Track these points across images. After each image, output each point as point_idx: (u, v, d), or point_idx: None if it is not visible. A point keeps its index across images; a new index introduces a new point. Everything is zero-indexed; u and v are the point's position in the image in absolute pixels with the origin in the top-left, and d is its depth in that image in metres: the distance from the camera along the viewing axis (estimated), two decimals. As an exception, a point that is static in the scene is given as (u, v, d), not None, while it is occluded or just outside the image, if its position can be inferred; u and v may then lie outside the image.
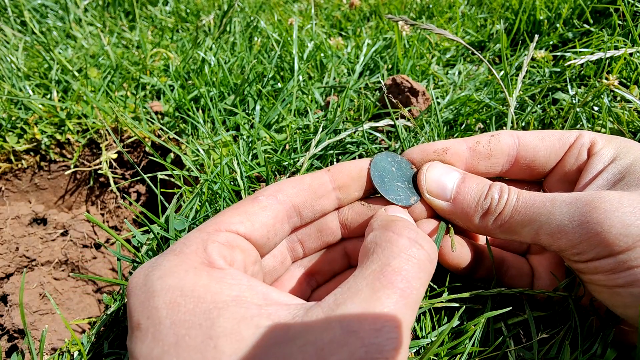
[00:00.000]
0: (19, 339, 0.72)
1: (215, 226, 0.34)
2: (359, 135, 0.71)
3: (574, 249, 0.35)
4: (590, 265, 0.35)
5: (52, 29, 1.31)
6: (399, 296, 0.28)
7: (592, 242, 0.34)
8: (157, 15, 1.46)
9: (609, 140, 0.41)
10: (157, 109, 0.91)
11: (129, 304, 0.30)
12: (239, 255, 0.34)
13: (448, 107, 0.80)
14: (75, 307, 0.79)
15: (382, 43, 1.05)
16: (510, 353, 0.40)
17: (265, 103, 0.86)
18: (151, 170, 0.96)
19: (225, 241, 0.33)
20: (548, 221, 0.36)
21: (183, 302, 0.28)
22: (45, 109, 0.89)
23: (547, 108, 0.74)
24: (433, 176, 0.42)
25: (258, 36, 1.20)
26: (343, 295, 0.28)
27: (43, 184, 0.94)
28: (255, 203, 0.36)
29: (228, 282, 0.30)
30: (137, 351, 0.28)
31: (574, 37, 0.99)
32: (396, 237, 0.32)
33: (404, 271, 0.29)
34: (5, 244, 0.83)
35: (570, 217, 0.35)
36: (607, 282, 0.34)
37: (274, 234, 0.37)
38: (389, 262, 0.30)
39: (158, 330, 0.28)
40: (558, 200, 0.36)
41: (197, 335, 0.27)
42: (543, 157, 0.43)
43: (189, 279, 0.29)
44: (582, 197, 0.35)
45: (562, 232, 0.35)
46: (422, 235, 0.33)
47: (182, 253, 0.32)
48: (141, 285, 0.30)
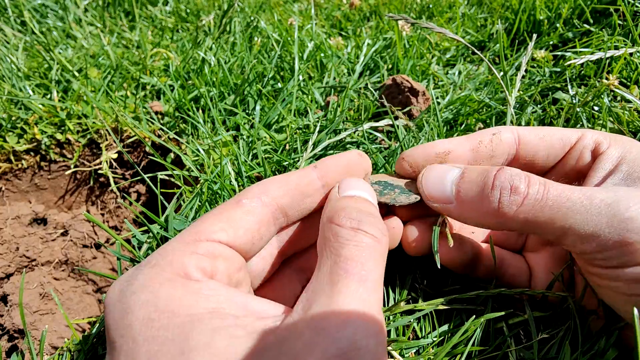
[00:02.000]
0: (19, 339, 0.72)
1: (195, 235, 0.32)
2: (359, 135, 0.71)
3: (601, 254, 0.33)
4: (611, 272, 0.33)
5: (52, 29, 1.31)
6: (357, 282, 0.28)
7: (625, 251, 0.32)
8: (157, 15, 1.46)
9: (614, 140, 0.40)
10: (157, 109, 0.91)
11: (105, 321, 0.30)
12: (221, 265, 0.32)
13: (448, 107, 0.80)
14: (76, 307, 0.79)
15: (382, 43, 1.05)
16: (511, 353, 0.40)
17: (266, 103, 0.86)
18: (151, 170, 0.96)
19: (205, 251, 0.32)
20: (583, 221, 0.32)
21: (157, 318, 0.27)
22: (46, 109, 0.89)
23: (547, 108, 0.74)
24: (430, 180, 0.39)
25: (258, 36, 1.20)
26: (309, 299, 0.28)
27: (43, 184, 0.94)
28: (238, 207, 0.34)
29: (204, 293, 0.29)
30: None
31: (574, 37, 0.99)
32: (339, 228, 0.32)
33: (355, 257, 0.29)
34: (5, 244, 0.83)
35: (608, 220, 0.32)
36: (625, 290, 0.33)
37: (259, 238, 0.35)
38: (339, 253, 0.30)
39: (131, 348, 0.27)
40: (596, 198, 0.33)
41: (169, 350, 0.26)
42: (542, 156, 0.42)
43: (163, 292, 0.28)
44: (622, 198, 0.32)
45: (594, 236, 0.32)
46: (364, 220, 0.32)
47: (158, 265, 0.30)
48: (115, 302, 0.29)
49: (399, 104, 0.79)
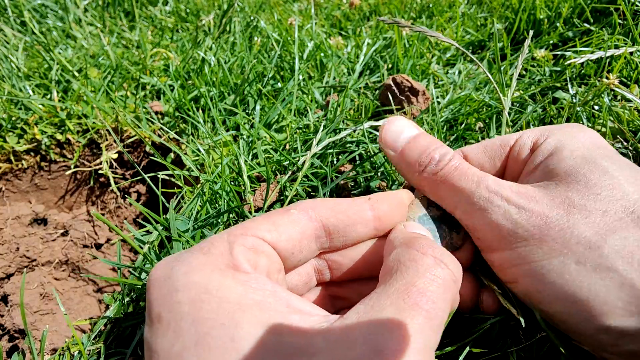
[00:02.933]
0: (19, 339, 0.72)
1: (243, 230, 0.34)
2: (359, 135, 0.71)
3: (477, 232, 0.38)
4: (489, 256, 0.38)
5: (52, 29, 1.31)
6: (424, 318, 0.27)
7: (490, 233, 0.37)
8: (157, 15, 1.46)
9: (554, 131, 0.41)
10: (157, 109, 0.91)
11: (150, 295, 0.30)
12: (263, 261, 0.33)
13: (448, 106, 0.80)
14: (76, 307, 0.79)
15: (382, 42, 1.05)
16: (512, 354, 0.40)
17: (266, 103, 0.86)
18: (151, 170, 0.96)
19: (251, 245, 0.33)
20: (467, 200, 0.38)
21: (207, 300, 0.28)
22: (46, 109, 0.89)
23: (547, 107, 0.74)
24: (392, 126, 0.45)
25: (258, 36, 1.20)
26: (367, 313, 0.28)
27: (43, 184, 0.94)
28: (285, 215, 0.36)
29: (252, 285, 0.30)
30: (156, 344, 0.28)
31: (574, 36, 0.99)
32: (421, 255, 0.31)
33: (429, 292, 0.28)
34: (5, 244, 0.83)
35: (483, 203, 0.37)
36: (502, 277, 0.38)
37: (299, 249, 0.35)
38: (414, 282, 0.29)
39: (179, 326, 0.27)
40: (483, 182, 0.38)
41: (219, 335, 0.26)
42: (489, 164, 0.44)
43: (214, 278, 0.29)
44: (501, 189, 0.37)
45: (472, 213, 0.38)
46: (446, 254, 0.32)
47: (209, 253, 0.31)
48: (165, 278, 0.30)
49: (399, 104, 0.79)
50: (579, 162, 0.37)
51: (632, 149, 0.61)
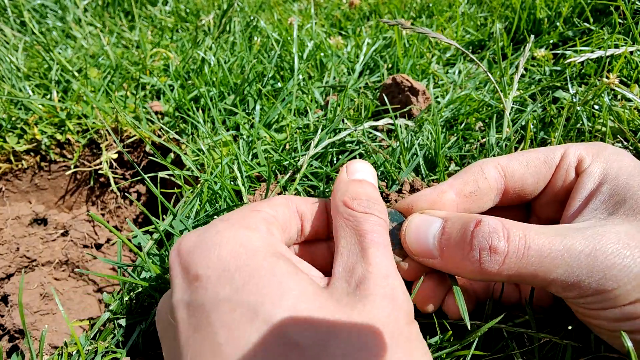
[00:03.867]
0: (19, 339, 0.72)
1: (252, 207, 0.39)
2: (359, 135, 0.71)
3: (583, 299, 0.34)
4: (595, 313, 0.34)
5: (52, 29, 1.31)
6: (383, 247, 0.36)
7: (604, 297, 0.33)
8: (157, 15, 1.46)
9: (596, 154, 0.40)
10: (157, 108, 0.91)
11: (183, 262, 0.33)
12: (276, 231, 0.38)
13: (448, 106, 0.80)
14: (76, 307, 0.79)
15: (382, 42, 1.05)
16: (516, 356, 0.40)
17: (265, 103, 0.86)
18: (151, 170, 0.96)
19: (265, 216, 0.38)
20: (565, 274, 0.33)
21: (244, 252, 0.32)
22: (45, 109, 0.89)
23: (547, 107, 0.74)
24: (413, 236, 0.39)
25: (258, 36, 1.20)
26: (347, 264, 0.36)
27: (43, 184, 0.94)
28: (275, 200, 0.41)
29: (274, 242, 0.35)
30: (199, 299, 0.31)
31: (575, 35, 0.99)
32: (354, 212, 0.38)
33: (374, 230, 0.37)
34: (5, 244, 0.83)
35: (588, 271, 0.33)
36: (609, 327, 0.34)
37: (290, 225, 0.41)
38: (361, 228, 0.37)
39: (223, 275, 0.31)
40: (575, 250, 0.33)
41: (263, 275, 0.31)
42: (531, 184, 0.42)
43: (243, 234, 0.34)
44: (600, 246, 0.33)
45: (576, 285, 0.33)
46: (373, 207, 0.38)
47: (230, 219, 0.36)
48: (196, 243, 0.34)
49: (399, 103, 0.79)
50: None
51: (632, 149, 0.61)
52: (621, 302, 0.32)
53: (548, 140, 0.68)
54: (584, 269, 0.32)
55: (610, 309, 0.33)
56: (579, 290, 0.33)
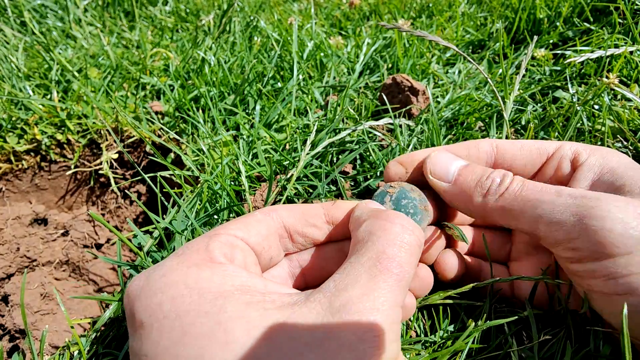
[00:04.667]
0: (20, 339, 0.72)
1: (216, 231, 0.36)
2: (359, 134, 0.71)
3: (570, 243, 0.34)
4: (587, 266, 0.34)
5: (52, 29, 1.31)
6: (394, 280, 0.31)
7: (591, 240, 0.33)
8: (157, 15, 1.46)
9: (593, 150, 0.41)
10: (157, 109, 0.91)
11: (130, 308, 0.31)
12: (239, 254, 0.35)
13: (448, 106, 0.80)
14: (76, 307, 0.80)
15: (382, 42, 1.05)
16: (514, 353, 0.40)
17: (266, 102, 0.86)
18: (151, 170, 0.96)
19: (225, 241, 0.35)
20: (551, 211, 0.35)
21: (188, 294, 0.29)
22: (46, 110, 0.89)
23: (547, 106, 0.74)
24: (439, 159, 0.43)
25: (258, 36, 1.20)
26: (343, 281, 0.30)
27: (43, 184, 0.94)
28: (251, 217, 0.39)
29: (230, 274, 0.31)
30: (142, 349, 0.28)
31: (574, 35, 0.99)
32: (390, 224, 0.34)
33: (398, 258, 0.32)
34: (6, 244, 0.83)
35: (573, 210, 0.34)
36: (604, 289, 0.34)
37: (268, 245, 0.38)
38: (385, 250, 0.32)
39: (162, 324, 0.28)
40: (564, 192, 0.36)
41: (205, 322, 0.28)
42: (520, 165, 0.44)
43: (191, 273, 0.31)
44: (588, 194, 0.35)
45: (561, 223, 0.35)
46: (411, 222, 0.35)
47: (184, 254, 0.33)
48: (142, 286, 0.31)
49: (399, 103, 0.79)
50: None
51: (632, 148, 0.61)
52: (610, 250, 0.32)
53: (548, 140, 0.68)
54: (569, 207, 0.35)
55: (603, 261, 0.33)
56: (564, 229, 0.34)
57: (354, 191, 0.63)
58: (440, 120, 0.75)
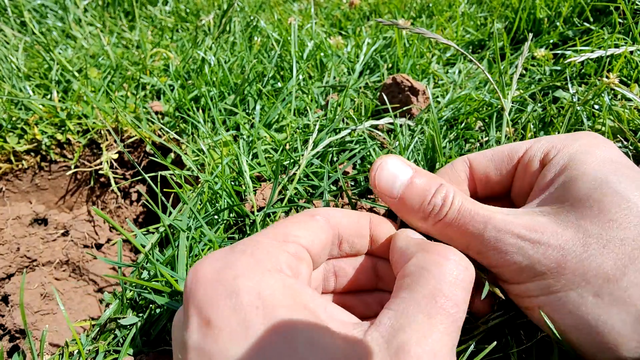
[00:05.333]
0: (20, 339, 0.72)
1: (284, 236, 0.35)
2: (358, 134, 0.71)
3: (493, 269, 0.38)
4: (505, 285, 0.38)
5: (52, 29, 1.31)
6: (451, 321, 0.30)
7: (507, 270, 0.36)
8: (157, 15, 1.46)
9: (567, 145, 0.40)
10: (157, 109, 0.91)
11: (196, 296, 0.30)
12: (304, 269, 0.34)
13: (448, 106, 0.80)
14: (77, 307, 0.79)
15: (382, 42, 1.05)
16: (513, 355, 0.40)
17: (266, 102, 0.86)
18: (151, 170, 0.96)
19: (294, 252, 0.34)
20: (477, 242, 0.37)
21: (262, 306, 0.29)
22: (46, 110, 0.89)
23: (547, 106, 0.74)
24: (384, 177, 0.41)
25: (258, 35, 1.20)
26: (398, 320, 0.30)
27: (44, 184, 0.94)
28: (313, 221, 0.38)
29: (298, 290, 0.31)
30: (207, 347, 0.29)
31: (574, 35, 0.99)
32: (444, 260, 0.33)
33: (454, 297, 0.31)
34: (6, 244, 0.83)
35: (494, 244, 0.36)
36: (519, 303, 0.38)
37: (325, 253, 0.38)
38: (441, 289, 0.31)
39: (235, 331, 0.28)
40: (490, 224, 0.37)
41: (278, 342, 0.28)
42: (495, 175, 0.44)
43: (264, 282, 0.30)
44: (509, 226, 0.36)
45: (485, 254, 0.37)
46: (463, 257, 0.34)
47: (254, 255, 0.32)
48: (213, 281, 0.31)
49: (399, 103, 0.79)
50: (591, 184, 0.35)
51: (632, 148, 0.61)
52: (519, 278, 0.36)
53: (548, 140, 0.68)
54: (492, 241, 0.36)
55: (514, 285, 0.37)
56: (487, 259, 0.37)
57: (354, 191, 0.63)
58: (440, 120, 0.75)
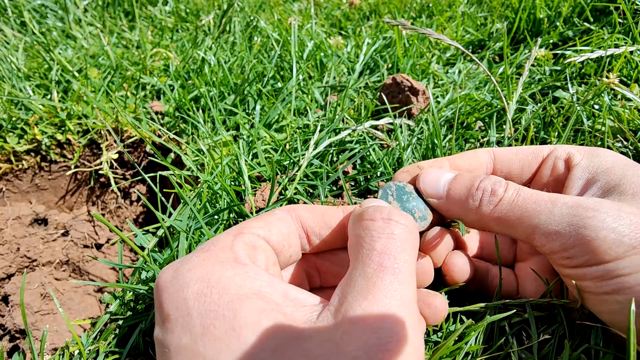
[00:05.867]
0: (20, 339, 0.72)
1: (239, 229, 0.37)
2: (358, 135, 0.71)
3: (566, 252, 0.35)
4: (579, 271, 0.35)
5: (52, 30, 1.31)
6: (391, 275, 0.30)
7: (585, 249, 0.34)
8: (157, 15, 1.46)
9: (587, 152, 0.42)
10: (157, 109, 0.91)
11: (158, 298, 0.32)
12: (260, 255, 0.36)
13: (448, 106, 0.80)
14: (77, 307, 0.80)
15: (382, 42, 1.05)
16: (514, 353, 0.40)
17: (266, 102, 0.86)
18: (151, 170, 0.96)
19: (248, 241, 0.36)
20: (547, 221, 0.36)
21: (209, 293, 0.30)
22: (46, 110, 0.89)
23: (547, 106, 0.74)
24: (428, 178, 0.43)
25: (258, 36, 1.20)
26: (343, 291, 0.31)
27: (44, 184, 0.94)
28: (272, 215, 0.39)
29: (251, 276, 0.32)
30: (167, 341, 0.30)
31: (574, 35, 0.99)
32: (371, 222, 0.34)
33: (388, 250, 0.31)
34: (6, 244, 0.83)
35: (569, 220, 0.35)
36: (594, 289, 0.35)
37: (288, 244, 0.39)
38: (373, 247, 0.32)
39: (186, 320, 0.30)
40: (560, 201, 0.36)
41: (221, 325, 0.29)
42: (517, 168, 0.45)
43: (215, 271, 0.32)
44: (583, 202, 0.35)
45: (558, 234, 0.35)
46: (395, 212, 0.34)
47: (210, 250, 0.34)
48: (171, 279, 0.32)
49: (399, 103, 0.79)
50: (636, 180, 0.37)
51: (632, 148, 0.61)
52: (602, 258, 0.34)
53: (548, 140, 0.68)
54: (565, 217, 0.35)
55: (594, 267, 0.34)
56: (560, 240, 0.35)
57: (354, 191, 0.63)
58: (440, 120, 0.75)
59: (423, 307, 0.39)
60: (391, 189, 0.43)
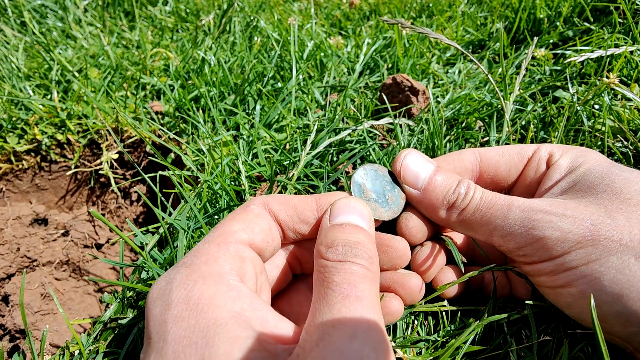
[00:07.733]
0: (20, 339, 0.72)
1: (223, 237, 0.35)
2: (358, 134, 0.71)
3: (520, 250, 0.38)
4: (535, 267, 0.38)
5: (52, 30, 1.31)
6: (354, 301, 0.31)
7: (536, 247, 0.37)
8: (157, 15, 1.46)
9: (566, 150, 0.44)
10: (157, 109, 0.91)
11: (146, 316, 0.32)
12: (249, 267, 0.35)
13: (448, 106, 0.80)
14: (77, 307, 0.80)
15: (382, 42, 1.05)
16: (512, 352, 0.40)
17: (266, 102, 0.86)
18: (151, 170, 0.96)
19: (234, 252, 0.34)
20: (502, 224, 0.39)
21: (187, 317, 0.29)
22: (46, 110, 0.89)
23: (547, 106, 0.74)
24: (409, 164, 0.44)
25: (258, 36, 1.20)
26: (311, 323, 0.31)
27: (44, 184, 0.94)
28: (249, 212, 0.38)
29: (232, 296, 0.31)
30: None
31: (575, 35, 0.99)
32: (327, 262, 0.34)
33: (347, 281, 0.32)
34: (6, 244, 0.83)
35: (520, 222, 0.38)
36: (550, 283, 0.38)
37: (271, 238, 0.38)
38: (332, 280, 0.32)
39: (161, 347, 0.29)
40: (514, 205, 0.39)
41: (191, 354, 0.28)
42: (504, 170, 0.46)
43: (196, 290, 0.31)
44: (535, 205, 0.38)
45: (512, 235, 0.38)
46: (351, 252, 0.34)
47: (193, 264, 0.33)
48: (157, 299, 0.32)
49: (399, 103, 0.79)
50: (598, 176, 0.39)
51: (632, 148, 0.61)
52: (551, 253, 0.36)
53: (548, 140, 0.68)
54: (518, 220, 0.38)
55: (545, 262, 0.37)
56: (514, 240, 0.38)
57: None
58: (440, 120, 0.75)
59: (398, 288, 0.41)
60: (366, 172, 0.44)
